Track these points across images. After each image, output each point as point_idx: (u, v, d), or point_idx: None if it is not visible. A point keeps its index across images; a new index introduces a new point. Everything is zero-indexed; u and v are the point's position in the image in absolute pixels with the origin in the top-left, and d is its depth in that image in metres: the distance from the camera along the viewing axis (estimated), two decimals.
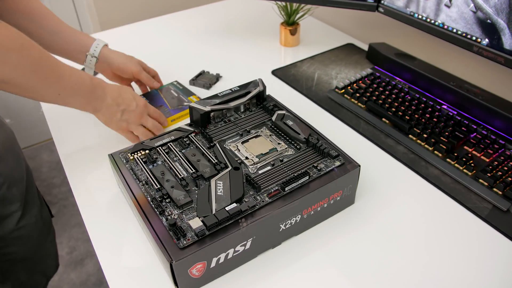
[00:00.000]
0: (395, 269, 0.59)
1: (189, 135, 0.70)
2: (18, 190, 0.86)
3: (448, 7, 0.79)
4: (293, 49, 1.15)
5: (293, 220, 0.61)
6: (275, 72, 1.04)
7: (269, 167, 0.64)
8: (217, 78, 1.02)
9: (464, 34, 0.79)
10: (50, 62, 0.63)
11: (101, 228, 0.66)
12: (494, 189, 0.69)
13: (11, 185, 0.84)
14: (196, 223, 0.54)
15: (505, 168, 0.71)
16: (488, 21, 0.74)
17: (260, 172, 0.63)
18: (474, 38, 0.77)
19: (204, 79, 1.01)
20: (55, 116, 0.91)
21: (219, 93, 0.75)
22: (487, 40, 0.75)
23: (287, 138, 0.69)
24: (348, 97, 0.92)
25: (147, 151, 0.67)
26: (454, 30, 0.80)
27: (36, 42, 0.62)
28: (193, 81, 1.00)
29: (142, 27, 1.29)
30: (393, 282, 0.58)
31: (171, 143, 0.69)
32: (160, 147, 0.68)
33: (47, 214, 0.99)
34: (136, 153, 0.67)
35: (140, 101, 0.77)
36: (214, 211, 0.55)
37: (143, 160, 0.66)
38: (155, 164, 0.65)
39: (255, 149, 0.67)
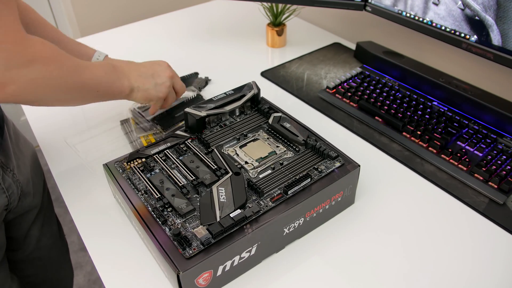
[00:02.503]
0: (396, 265, 0.60)
1: (186, 141, 0.69)
2: (37, 207, 0.82)
3: (436, 4, 0.80)
4: (280, 50, 1.15)
5: (297, 223, 0.60)
6: (264, 74, 1.04)
7: (269, 171, 0.63)
8: (206, 81, 1.01)
9: (452, 31, 0.80)
10: (79, 73, 0.61)
11: (99, 242, 0.64)
12: (490, 183, 0.70)
13: (33, 204, 0.80)
14: (201, 231, 0.53)
15: (499, 162, 0.72)
16: (476, 18, 0.75)
17: (261, 176, 0.62)
18: (462, 35, 0.78)
19: (194, 82, 1.00)
20: (41, 124, 0.89)
21: (214, 97, 0.74)
22: (475, 36, 0.76)
23: (285, 140, 0.69)
24: (340, 97, 0.92)
25: (143, 160, 0.66)
26: (443, 28, 0.81)
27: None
28: None
29: (125, 32, 1.27)
30: (395, 278, 0.58)
31: (167, 150, 0.67)
32: (156, 155, 0.66)
33: (63, 234, 0.96)
34: (132, 162, 0.65)
35: (162, 63, 0.77)
36: (218, 219, 0.54)
37: (140, 169, 0.64)
38: (153, 173, 0.64)
39: (254, 153, 0.66)
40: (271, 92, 0.98)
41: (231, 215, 0.54)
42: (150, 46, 1.18)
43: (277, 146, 0.67)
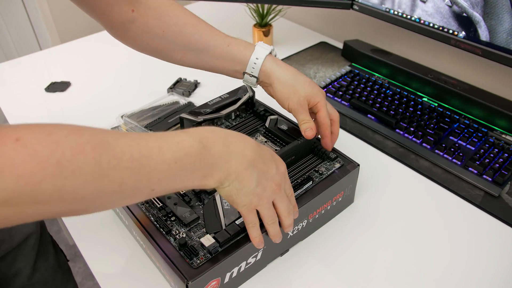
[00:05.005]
0: (396, 262, 0.60)
1: None
2: (29, 245, 0.75)
3: (424, 2, 0.82)
4: None
5: (300, 225, 0.60)
6: None
7: None
8: (196, 85, 1.00)
9: (441, 28, 0.81)
10: (122, 155, 0.38)
11: (99, 254, 0.63)
12: (484, 176, 0.71)
13: (22, 242, 0.74)
14: (207, 240, 0.53)
15: (492, 155, 0.74)
16: (464, 14, 0.76)
17: None
18: (451, 31, 0.80)
19: (183, 86, 0.99)
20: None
21: (209, 101, 0.73)
22: (463, 33, 0.78)
23: (283, 143, 0.68)
24: (331, 96, 0.92)
25: None
26: (431, 25, 0.82)
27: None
28: (172, 89, 0.98)
29: (107, 37, 1.24)
30: (396, 273, 0.59)
31: None
32: None
33: (63, 261, 0.87)
34: None
35: (281, 164, 0.51)
36: (224, 226, 0.54)
37: None
38: None
39: None
40: (261, 94, 0.97)
41: (237, 222, 0.54)
42: (133, 51, 1.16)
43: (276, 150, 0.67)
